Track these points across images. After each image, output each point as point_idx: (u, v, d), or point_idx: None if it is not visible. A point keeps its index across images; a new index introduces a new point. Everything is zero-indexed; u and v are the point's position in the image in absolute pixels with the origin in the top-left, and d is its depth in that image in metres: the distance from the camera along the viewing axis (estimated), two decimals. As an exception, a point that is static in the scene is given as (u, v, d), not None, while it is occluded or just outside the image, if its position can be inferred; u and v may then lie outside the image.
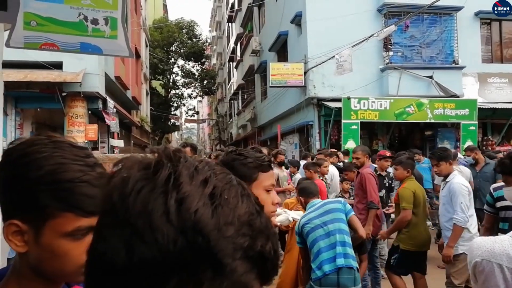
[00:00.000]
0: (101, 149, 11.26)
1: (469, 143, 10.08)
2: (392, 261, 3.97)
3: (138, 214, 0.37)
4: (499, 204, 3.12)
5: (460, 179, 3.69)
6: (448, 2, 10.62)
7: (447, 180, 3.75)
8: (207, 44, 33.52)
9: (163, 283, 0.36)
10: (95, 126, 10.11)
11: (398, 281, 3.93)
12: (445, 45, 11.58)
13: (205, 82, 31.01)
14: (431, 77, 11.10)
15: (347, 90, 10.93)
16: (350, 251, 2.84)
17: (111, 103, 10.95)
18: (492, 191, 3.28)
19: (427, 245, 3.99)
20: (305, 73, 11.68)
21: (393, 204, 4.51)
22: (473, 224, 3.62)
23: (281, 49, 14.88)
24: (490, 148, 10.34)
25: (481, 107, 10.96)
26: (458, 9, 11.34)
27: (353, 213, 3.11)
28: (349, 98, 10.50)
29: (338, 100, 10.81)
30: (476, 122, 10.86)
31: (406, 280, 3.99)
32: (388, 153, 5.89)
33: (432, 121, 10.81)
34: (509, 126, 11.56)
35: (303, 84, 11.80)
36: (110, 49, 2.00)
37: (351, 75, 10.65)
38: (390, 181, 5.61)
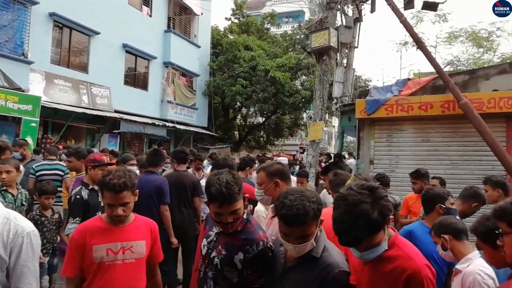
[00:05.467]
0: None
1: (29, 139, 10.14)
2: None
3: None
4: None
5: None
6: (24, -7, 10.30)
7: None
8: None
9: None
10: None
11: None
12: (16, 35, 10.96)
13: None
14: (-4, 64, 10.19)
15: None
16: None
17: None
18: None
19: None
20: None
21: None
22: None
23: None
24: (48, 146, 10.83)
25: (45, 105, 11.26)
26: (34, 3, 11.19)
27: None
28: None
29: None
30: (38, 119, 11.04)
31: None
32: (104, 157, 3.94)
33: (-8, 111, 9.90)
34: (68, 127, 12.69)
35: None
36: None
37: None
38: None
